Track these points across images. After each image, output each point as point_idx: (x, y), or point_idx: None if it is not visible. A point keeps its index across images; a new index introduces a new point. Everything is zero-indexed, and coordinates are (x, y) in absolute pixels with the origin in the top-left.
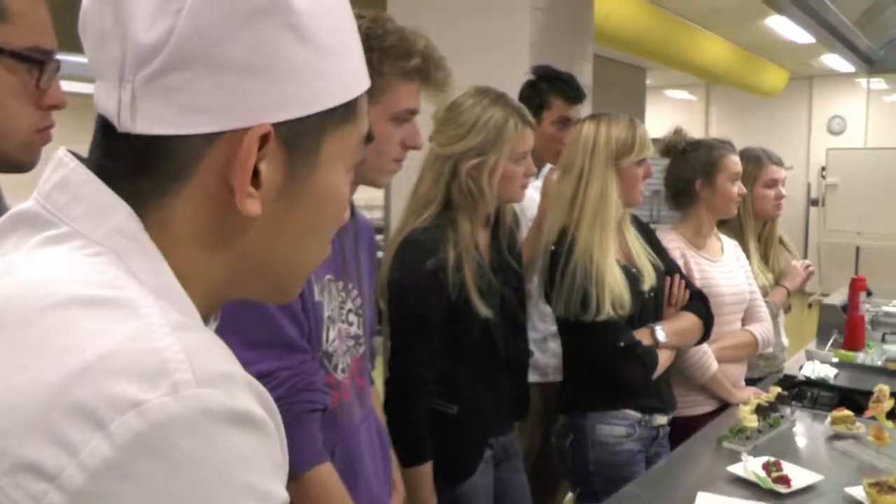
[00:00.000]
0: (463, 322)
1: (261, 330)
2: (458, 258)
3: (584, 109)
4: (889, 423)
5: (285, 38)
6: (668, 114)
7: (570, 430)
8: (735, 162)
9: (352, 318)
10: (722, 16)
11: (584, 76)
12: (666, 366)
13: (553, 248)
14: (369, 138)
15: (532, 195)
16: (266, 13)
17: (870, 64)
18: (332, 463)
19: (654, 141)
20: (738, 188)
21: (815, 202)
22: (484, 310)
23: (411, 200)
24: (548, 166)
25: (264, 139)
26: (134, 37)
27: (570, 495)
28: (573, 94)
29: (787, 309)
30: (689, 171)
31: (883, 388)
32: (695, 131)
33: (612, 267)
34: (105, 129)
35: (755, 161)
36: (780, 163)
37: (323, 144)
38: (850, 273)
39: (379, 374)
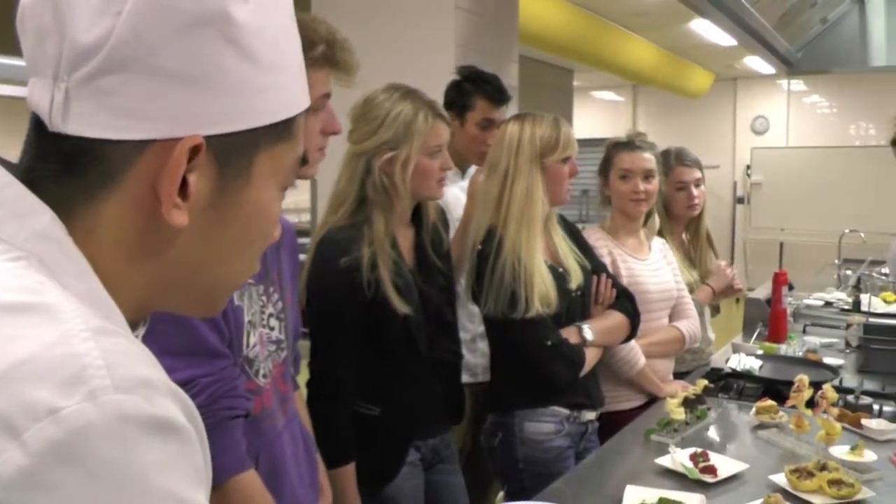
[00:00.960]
0: (381, 321)
1: (179, 337)
2: (373, 256)
3: (511, 110)
4: (808, 412)
5: (224, 50)
6: (595, 115)
7: (499, 428)
8: (625, 158)
9: (273, 322)
10: (647, 19)
11: (510, 77)
12: (593, 363)
13: (480, 247)
14: (304, 161)
15: (458, 195)
16: (206, 24)
17: (789, 66)
18: (255, 470)
19: (587, 141)
20: (632, 185)
21: (740, 200)
22: (401, 306)
23: (330, 199)
24: (473, 167)
25: (195, 151)
26: (73, 36)
27: (501, 494)
28: (497, 95)
29: (716, 311)
30: (600, 171)
31: (803, 378)
32: (622, 132)
33: (540, 265)
34: (37, 129)
35: (664, 163)
36: (692, 164)
37: (256, 161)
38: (775, 268)
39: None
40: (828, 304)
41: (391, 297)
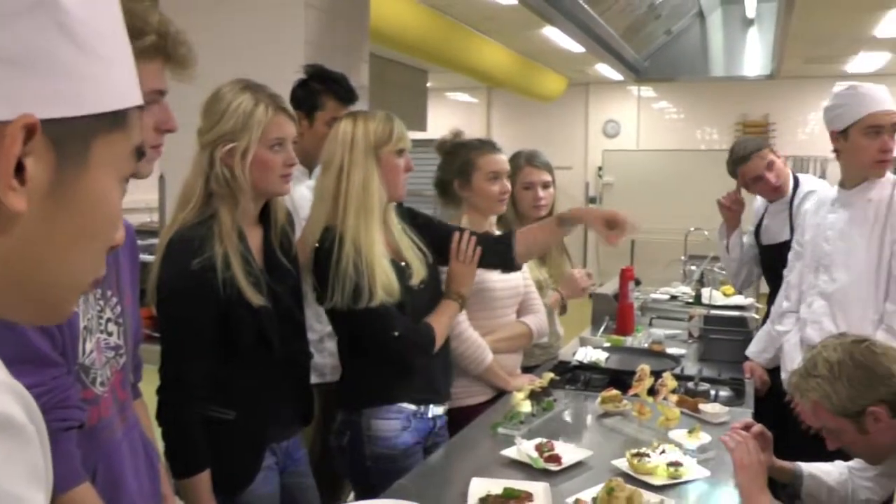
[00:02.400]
0: (235, 322)
1: (8, 343)
2: (226, 254)
3: (362, 108)
4: (650, 399)
5: (55, 35)
6: (450, 116)
7: (347, 427)
8: (493, 160)
9: (111, 327)
10: (498, 23)
11: (361, 76)
12: (445, 335)
13: (318, 245)
14: (141, 153)
15: (306, 195)
16: (36, 8)
17: (636, 73)
18: (92, 483)
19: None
20: (500, 186)
21: (593, 200)
22: (255, 298)
23: (179, 195)
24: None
25: (30, 133)
26: None
27: (353, 494)
28: (346, 94)
29: (563, 310)
30: (449, 172)
31: (644, 368)
32: (476, 133)
33: (381, 257)
34: None
35: (513, 164)
36: (541, 166)
37: (93, 148)
38: (626, 265)
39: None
40: (673, 297)
41: (244, 288)
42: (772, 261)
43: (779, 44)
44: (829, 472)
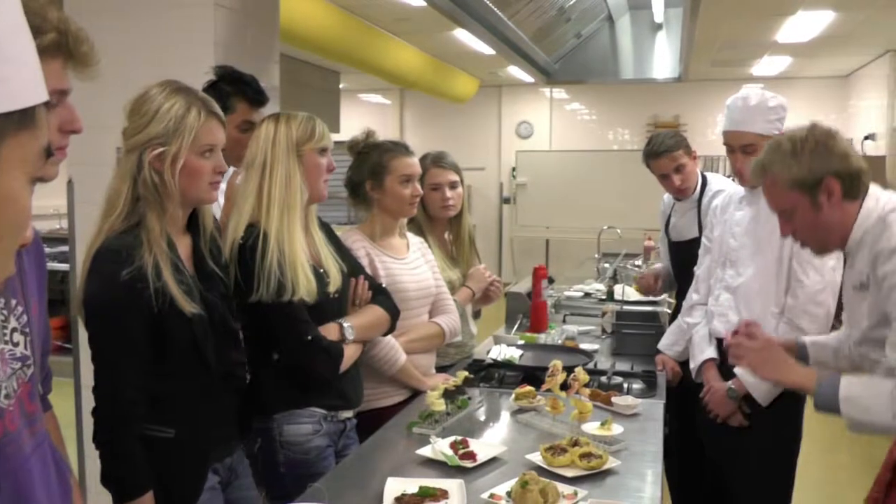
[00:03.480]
0: (169, 334)
1: None
2: (157, 263)
3: (274, 110)
4: (562, 394)
5: None
6: (363, 117)
7: (259, 434)
8: (406, 164)
9: (17, 337)
10: (410, 24)
11: (272, 77)
12: (353, 359)
13: (241, 242)
14: (49, 153)
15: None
16: None
17: (547, 75)
18: None
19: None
20: (412, 189)
21: (507, 200)
22: (188, 306)
23: (105, 200)
24: (232, 170)
25: None
26: None
27: None
28: (256, 96)
29: (477, 315)
30: (361, 173)
31: (556, 364)
32: (390, 135)
33: (302, 256)
34: None
35: (420, 165)
36: (448, 166)
37: (2, 148)
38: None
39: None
40: (587, 294)
41: (177, 297)
42: (681, 257)
43: (685, 48)
44: (827, 338)
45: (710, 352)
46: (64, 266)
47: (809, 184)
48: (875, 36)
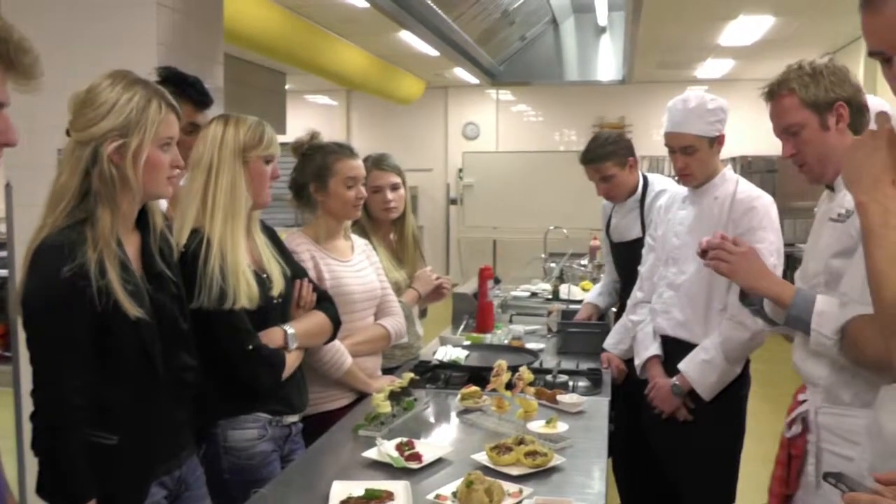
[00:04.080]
0: (114, 334)
1: None
2: (101, 260)
3: (219, 111)
4: (507, 393)
5: None
6: (309, 118)
7: (203, 440)
8: (350, 166)
9: None
10: (355, 25)
11: (216, 78)
12: (295, 366)
13: (183, 248)
14: None
15: (160, 202)
16: None
17: (492, 77)
18: None
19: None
20: (356, 192)
21: (454, 201)
22: (133, 310)
23: (49, 197)
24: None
25: None
26: None
27: None
28: (200, 98)
29: (423, 314)
30: (305, 175)
31: (501, 363)
32: (336, 136)
33: (244, 263)
34: None
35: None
36: (389, 168)
37: None
38: (490, 264)
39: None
40: (533, 294)
41: (122, 300)
42: (624, 257)
43: (629, 51)
44: None
45: (655, 349)
46: (2, 272)
47: (822, 105)
48: (814, 39)
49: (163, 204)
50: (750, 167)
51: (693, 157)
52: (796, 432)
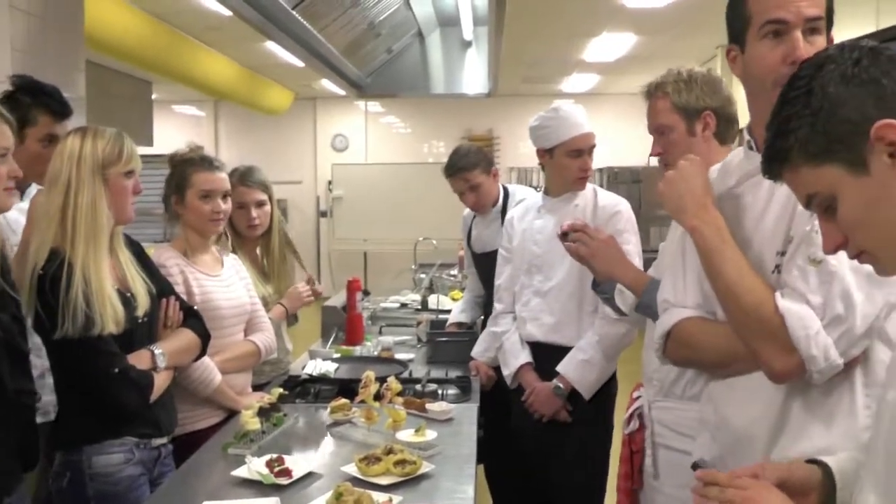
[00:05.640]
0: None
1: None
2: None
3: (80, 121)
4: (376, 404)
5: None
6: (177, 129)
7: (66, 468)
8: (206, 178)
9: None
10: (222, 34)
11: (77, 87)
12: (164, 386)
13: (41, 271)
14: None
15: (17, 218)
16: None
17: (359, 89)
18: None
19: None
20: (212, 206)
21: (324, 214)
22: None
23: None
24: (35, 187)
25: None
26: None
27: None
28: (59, 108)
29: (294, 319)
30: (169, 187)
31: (369, 374)
32: (204, 148)
33: (108, 286)
34: None
35: (229, 181)
36: (254, 184)
37: None
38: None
39: None
40: (403, 305)
41: None
42: (489, 267)
43: (494, 65)
44: None
45: (525, 356)
46: None
47: (691, 111)
48: (675, 57)
49: (12, 218)
50: (616, 178)
51: (591, 157)
52: (634, 427)
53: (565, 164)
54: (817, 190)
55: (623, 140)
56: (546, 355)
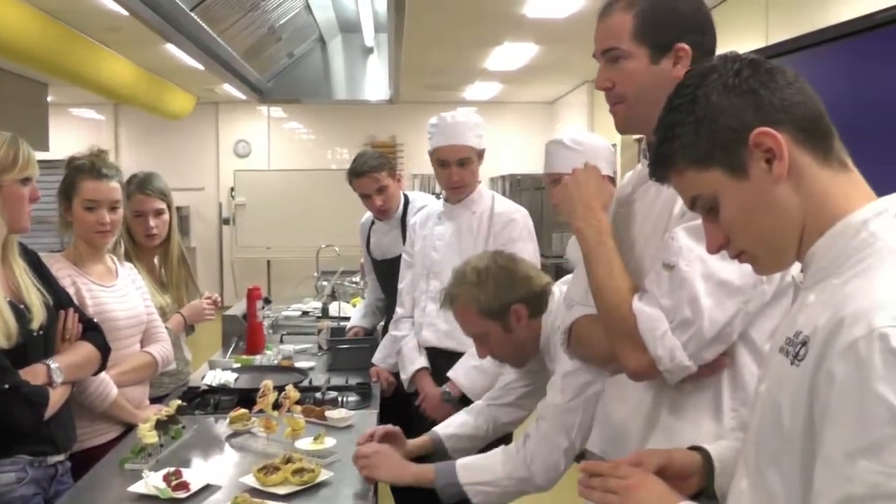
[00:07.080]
0: None
1: None
2: None
3: None
4: (275, 413)
5: None
6: (75, 133)
7: None
8: (91, 188)
9: None
10: (121, 35)
11: None
12: (61, 402)
13: None
14: None
15: None
16: None
17: (260, 94)
18: None
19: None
20: (97, 217)
21: (227, 221)
22: None
23: None
24: None
25: None
26: None
27: None
28: None
29: (191, 329)
30: (60, 193)
31: (267, 384)
32: (108, 152)
33: (0, 297)
34: None
35: (127, 188)
36: (153, 193)
37: None
38: (264, 284)
39: None
40: (305, 313)
41: None
42: (388, 274)
43: (395, 72)
44: (464, 422)
45: (422, 361)
46: None
47: (497, 311)
48: (574, 68)
49: None
50: (519, 185)
51: (467, 168)
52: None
53: (437, 172)
54: (700, 192)
55: (525, 147)
56: (442, 361)
